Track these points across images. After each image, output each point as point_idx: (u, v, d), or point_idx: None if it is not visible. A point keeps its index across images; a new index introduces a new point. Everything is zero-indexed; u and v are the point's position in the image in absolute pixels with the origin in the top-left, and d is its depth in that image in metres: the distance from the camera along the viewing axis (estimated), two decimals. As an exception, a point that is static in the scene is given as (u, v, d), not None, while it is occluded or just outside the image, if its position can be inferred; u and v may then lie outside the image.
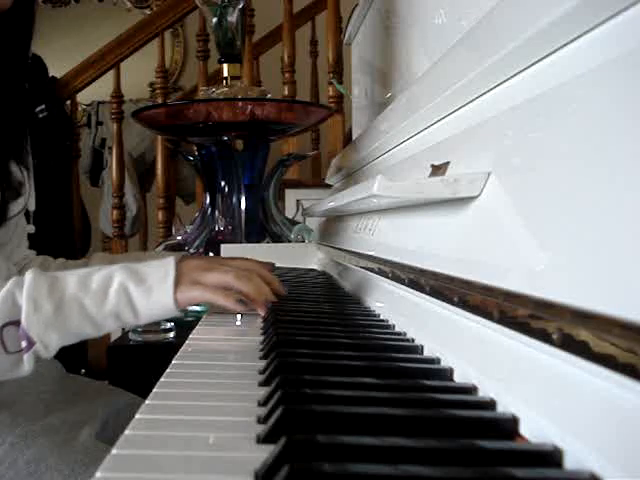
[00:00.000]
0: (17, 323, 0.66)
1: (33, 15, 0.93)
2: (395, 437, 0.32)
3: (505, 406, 0.37)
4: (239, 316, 0.75)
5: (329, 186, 1.54)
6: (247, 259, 0.78)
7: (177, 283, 0.68)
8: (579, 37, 0.36)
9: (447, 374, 0.46)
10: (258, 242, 1.46)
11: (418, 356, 0.52)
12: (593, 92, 0.34)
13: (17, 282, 0.68)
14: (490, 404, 0.38)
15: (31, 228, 0.97)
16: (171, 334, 1.29)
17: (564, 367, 0.31)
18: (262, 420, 0.37)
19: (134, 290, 0.68)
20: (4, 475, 0.71)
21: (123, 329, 1.55)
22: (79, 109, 2.86)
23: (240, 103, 1.34)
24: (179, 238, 1.51)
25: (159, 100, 2.43)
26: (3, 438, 0.74)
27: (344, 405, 0.37)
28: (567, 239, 0.33)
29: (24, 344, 0.66)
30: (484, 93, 0.51)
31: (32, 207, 0.95)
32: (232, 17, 1.40)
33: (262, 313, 0.71)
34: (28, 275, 0.68)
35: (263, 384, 0.45)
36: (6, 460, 0.72)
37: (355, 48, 1.55)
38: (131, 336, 1.31)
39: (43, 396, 0.86)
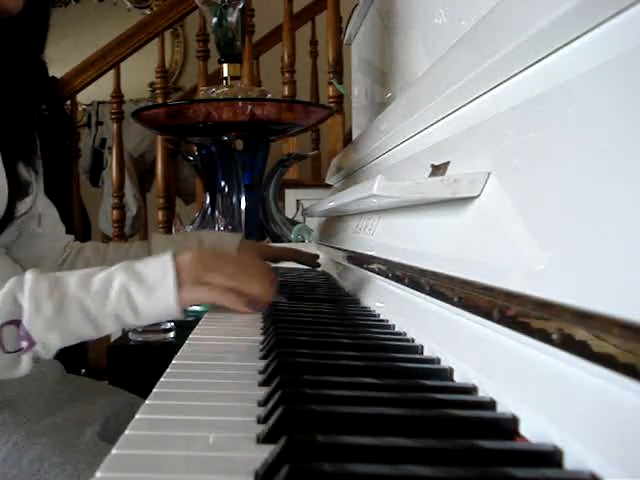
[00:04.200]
0: (17, 322, 0.65)
1: (47, 19, 0.93)
2: (395, 437, 0.32)
3: (505, 406, 0.37)
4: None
5: (329, 186, 1.54)
6: (244, 256, 0.77)
7: (180, 282, 0.67)
8: (579, 37, 0.36)
9: (447, 374, 0.46)
10: (258, 242, 1.46)
11: (418, 356, 0.52)
12: (593, 92, 0.34)
13: (17, 281, 0.67)
14: (490, 404, 0.38)
15: (41, 230, 0.98)
16: (171, 334, 1.29)
17: (564, 367, 0.31)
18: (262, 420, 0.37)
19: (134, 290, 0.67)
20: (8, 474, 0.71)
21: (123, 329, 1.55)
22: (79, 109, 2.87)
23: (240, 103, 1.34)
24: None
25: (159, 100, 2.43)
26: (6, 438, 0.74)
27: (344, 405, 0.37)
28: (567, 239, 0.33)
29: (24, 344, 0.65)
30: (484, 93, 0.51)
31: (41, 209, 0.96)
32: (232, 17, 1.40)
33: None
34: (28, 275, 0.67)
35: (263, 384, 0.45)
36: (10, 459, 0.72)
37: (355, 48, 1.55)
38: (131, 336, 1.31)
39: (44, 396, 0.86)
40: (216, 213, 1.49)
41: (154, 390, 0.43)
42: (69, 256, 1.00)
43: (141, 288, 0.67)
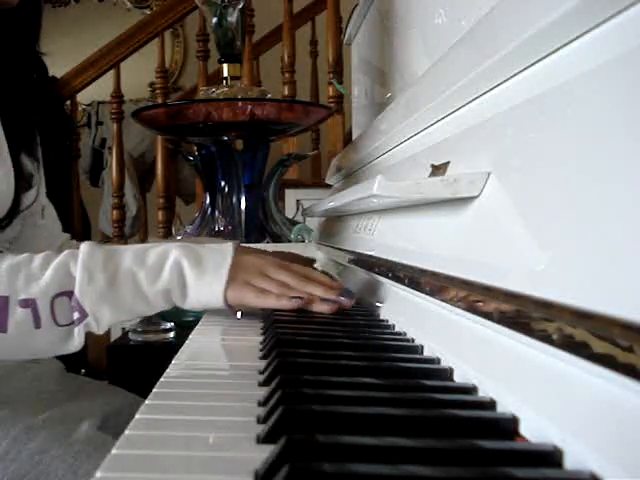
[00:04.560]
0: (69, 294, 0.64)
1: (40, 9, 0.93)
2: (395, 437, 0.32)
3: (505, 406, 0.37)
4: (239, 313, 0.74)
5: (329, 186, 1.54)
6: (306, 267, 0.74)
7: (231, 278, 0.67)
8: (579, 37, 0.36)
9: (447, 374, 0.46)
10: (258, 242, 1.46)
11: (418, 356, 0.52)
12: (593, 92, 0.34)
13: (72, 253, 0.66)
14: (490, 404, 0.38)
15: (43, 222, 0.98)
16: (171, 334, 1.29)
17: (564, 367, 0.31)
18: (262, 420, 0.37)
19: (188, 270, 0.66)
20: (8, 468, 0.71)
21: (123, 328, 1.56)
22: (79, 109, 2.87)
23: (240, 103, 1.34)
24: (179, 238, 1.51)
25: (159, 100, 2.43)
26: (5, 432, 0.74)
27: (344, 405, 0.37)
28: (567, 239, 0.33)
29: (76, 316, 0.64)
30: (484, 93, 0.51)
31: (45, 201, 0.96)
32: (232, 17, 1.40)
33: (327, 310, 0.68)
34: (83, 246, 0.67)
35: (263, 384, 0.45)
36: (10, 453, 0.72)
37: (355, 48, 1.55)
38: (131, 336, 1.31)
39: (43, 395, 0.86)
40: (216, 213, 1.49)
41: (154, 390, 0.43)
42: None
43: (194, 268, 0.66)
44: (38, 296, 0.64)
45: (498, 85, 0.48)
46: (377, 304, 0.73)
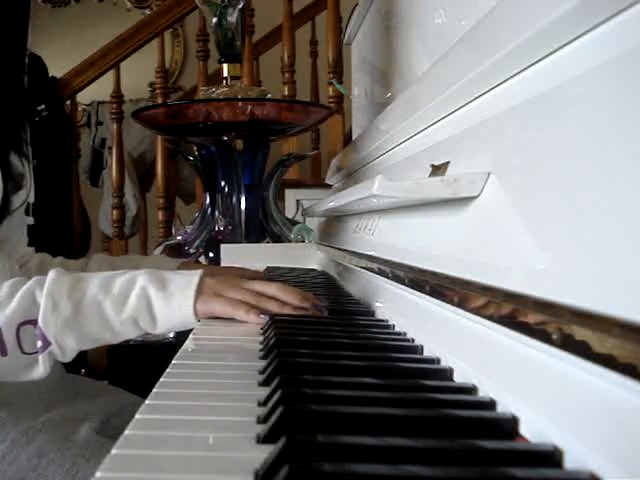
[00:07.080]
0: (34, 322, 0.64)
1: (28, 5, 0.93)
2: (395, 437, 0.32)
3: (505, 406, 0.37)
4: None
5: (329, 186, 1.54)
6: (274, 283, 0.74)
7: (199, 293, 0.67)
8: (579, 37, 0.36)
9: (447, 374, 0.46)
10: (258, 242, 1.46)
11: (418, 356, 0.52)
12: (593, 92, 0.34)
13: (38, 281, 0.66)
14: (490, 404, 0.38)
15: (30, 220, 0.97)
16: (171, 334, 1.29)
17: (564, 367, 0.31)
18: (262, 420, 0.37)
19: (154, 295, 0.66)
20: (7, 471, 0.71)
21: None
22: (79, 109, 2.86)
23: (240, 103, 1.34)
24: (179, 238, 1.51)
25: (159, 100, 2.43)
26: (4, 435, 0.74)
27: (344, 405, 0.37)
28: (567, 239, 0.33)
29: (39, 344, 0.65)
30: (484, 93, 0.51)
31: (32, 199, 0.95)
32: (232, 17, 1.40)
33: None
34: (51, 274, 0.67)
35: (263, 384, 0.45)
36: (8, 456, 0.72)
37: (355, 48, 1.55)
38: (131, 336, 1.31)
39: (43, 396, 0.86)
40: (216, 213, 1.49)
41: (154, 390, 0.43)
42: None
43: (161, 292, 0.66)
44: (4, 325, 0.64)
45: (498, 85, 0.48)
46: (377, 304, 0.73)
